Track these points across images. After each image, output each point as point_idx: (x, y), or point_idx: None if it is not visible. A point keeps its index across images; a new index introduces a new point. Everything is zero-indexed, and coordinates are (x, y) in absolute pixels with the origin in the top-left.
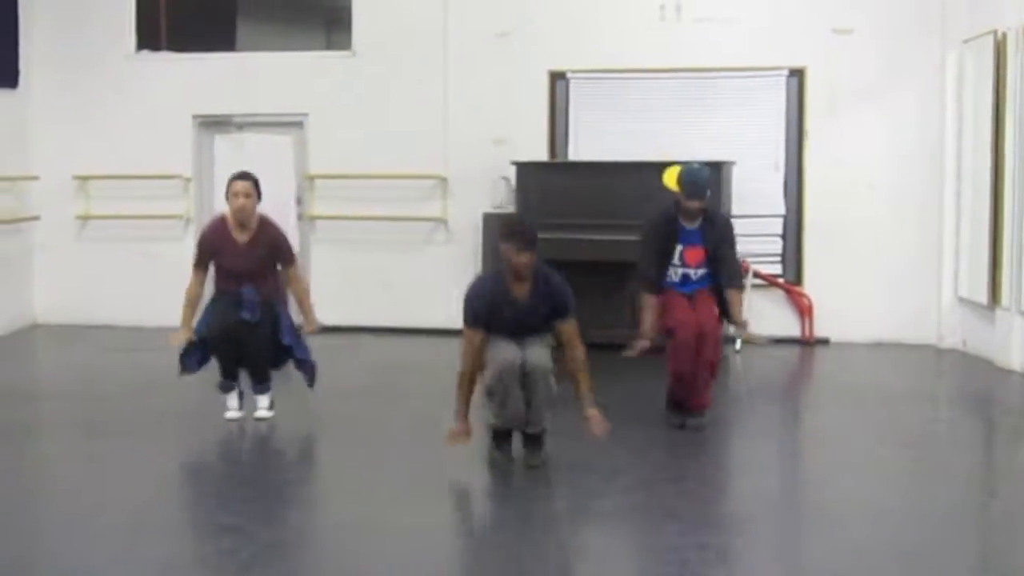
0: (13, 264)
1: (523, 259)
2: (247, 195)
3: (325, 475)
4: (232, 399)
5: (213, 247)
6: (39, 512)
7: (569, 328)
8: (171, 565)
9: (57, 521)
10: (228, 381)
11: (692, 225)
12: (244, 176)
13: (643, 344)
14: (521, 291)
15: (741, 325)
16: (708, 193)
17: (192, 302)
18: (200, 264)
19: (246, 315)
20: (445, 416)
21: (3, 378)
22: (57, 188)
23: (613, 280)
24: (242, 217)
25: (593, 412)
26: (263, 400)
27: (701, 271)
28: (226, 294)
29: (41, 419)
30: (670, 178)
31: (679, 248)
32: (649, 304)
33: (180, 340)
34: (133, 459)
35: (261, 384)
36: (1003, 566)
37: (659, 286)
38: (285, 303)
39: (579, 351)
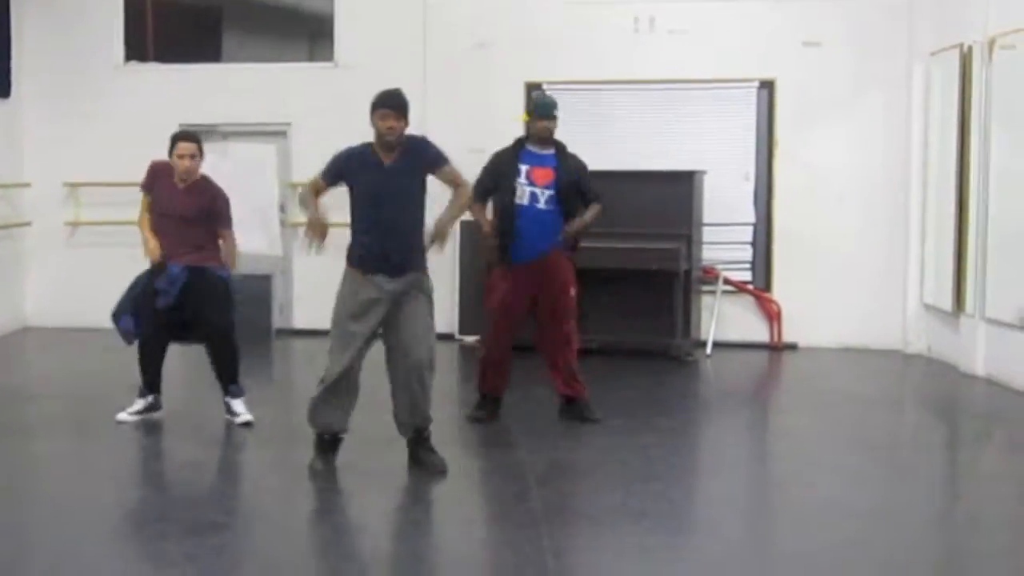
0: (5, 268)
1: (388, 123)
2: (192, 156)
3: (306, 475)
4: (137, 403)
5: (154, 179)
6: (30, 510)
7: (448, 171)
8: (160, 562)
9: (48, 519)
10: (144, 389)
11: (543, 151)
12: (189, 137)
13: (492, 242)
14: (388, 158)
15: (571, 231)
16: (556, 116)
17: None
18: (146, 188)
19: (160, 302)
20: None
21: None
22: (48, 194)
23: (592, 288)
24: (186, 177)
25: (440, 230)
26: (238, 405)
27: (549, 192)
28: (148, 280)
29: (32, 419)
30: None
31: (525, 168)
32: (481, 209)
33: (156, 255)
34: (123, 458)
35: (232, 385)
36: (968, 566)
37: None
38: (224, 263)
39: (464, 188)
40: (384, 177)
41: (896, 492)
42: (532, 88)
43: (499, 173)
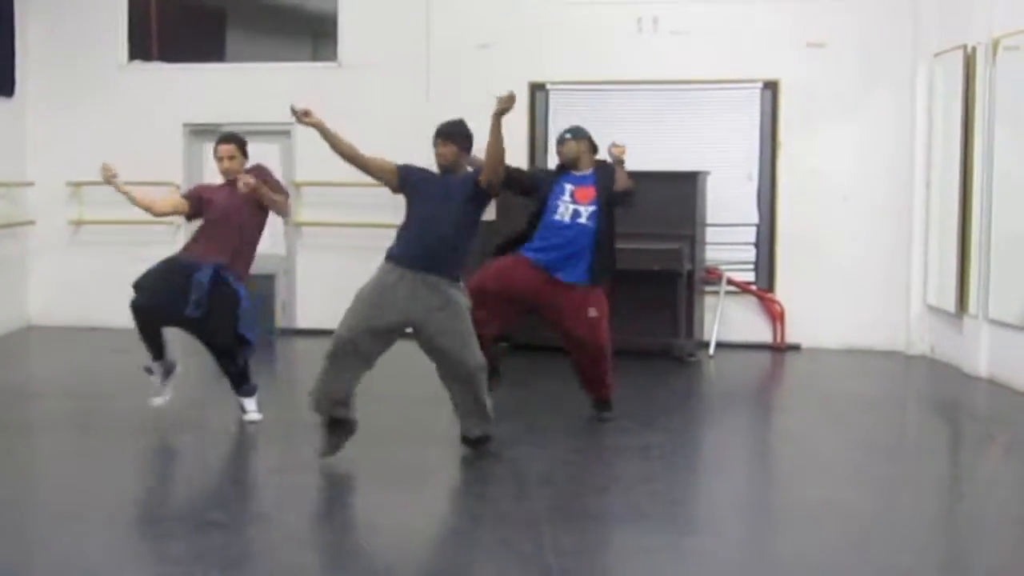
0: (9, 267)
1: (438, 150)
2: (231, 157)
3: (311, 474)
4: (154, 380)
5: (203, 192)
6: (32, 509)
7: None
8: (165, 561)
9: (50, 517)
10: (153, 363)
11: (583, 172)
12: (228, 139)
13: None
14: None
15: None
16: (568, 137)
17: (151, 197)
18: (185, 196)
19: (191, 311)
20: (428, 417)
21: None
22: (52, 194)
23: None
24: (229, 178)
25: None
26: (250, 403)
27: (591, 208)
28: (179, 265)
29: (35, 417)
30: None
31: (569, 187)
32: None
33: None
34: (125, 457)
35: (244, 386)
36: (970, 568)
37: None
38: (243, 280)
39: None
40: (441, 185)
41: (898, 494)
42: (535, 88)
43: (537, 178)
